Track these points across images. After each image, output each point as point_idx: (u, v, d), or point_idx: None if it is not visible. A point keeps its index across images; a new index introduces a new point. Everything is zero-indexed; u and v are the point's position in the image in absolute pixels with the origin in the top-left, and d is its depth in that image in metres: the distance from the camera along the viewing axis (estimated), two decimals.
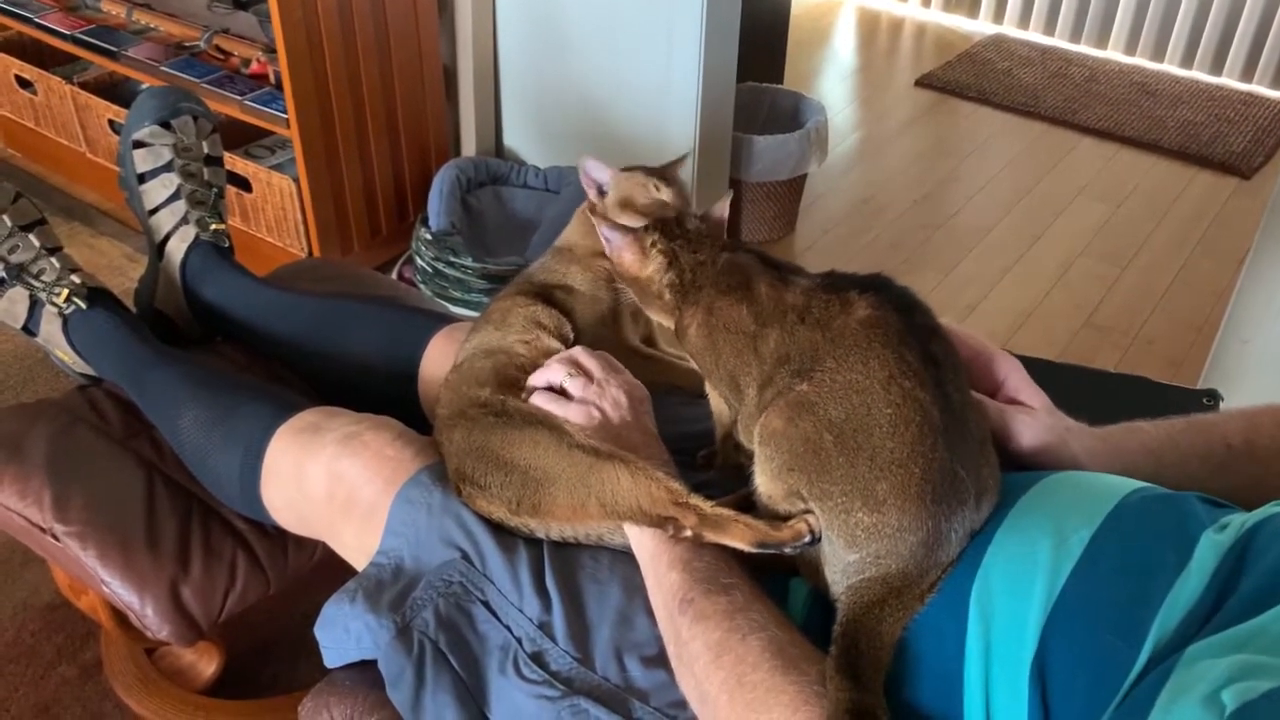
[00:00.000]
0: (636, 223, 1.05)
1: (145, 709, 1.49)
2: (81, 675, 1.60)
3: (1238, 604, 0.65)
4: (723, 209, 1.00)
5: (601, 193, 1.14)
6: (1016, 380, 0.89)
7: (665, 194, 1.10)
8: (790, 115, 2.88)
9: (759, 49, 2.89)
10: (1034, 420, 0.86)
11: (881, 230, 2.92)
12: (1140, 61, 3.98)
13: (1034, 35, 4.18)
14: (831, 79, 3.93)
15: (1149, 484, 0.79)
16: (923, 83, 3.78)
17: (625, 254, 0.93)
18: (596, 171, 1.13)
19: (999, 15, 4.25)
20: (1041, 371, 0.92)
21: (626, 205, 1.11)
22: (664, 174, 1.13)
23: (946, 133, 3.51)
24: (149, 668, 1.52)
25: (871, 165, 3.28)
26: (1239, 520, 0.72)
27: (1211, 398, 1.24)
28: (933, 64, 3.91)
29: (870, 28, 4.32)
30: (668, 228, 0.93)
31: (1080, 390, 0.96)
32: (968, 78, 3.80)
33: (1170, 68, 3.93)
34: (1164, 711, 0.59)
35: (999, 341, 2.44)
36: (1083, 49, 4.08)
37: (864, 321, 0.78)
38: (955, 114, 3.63)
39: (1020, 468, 0.86)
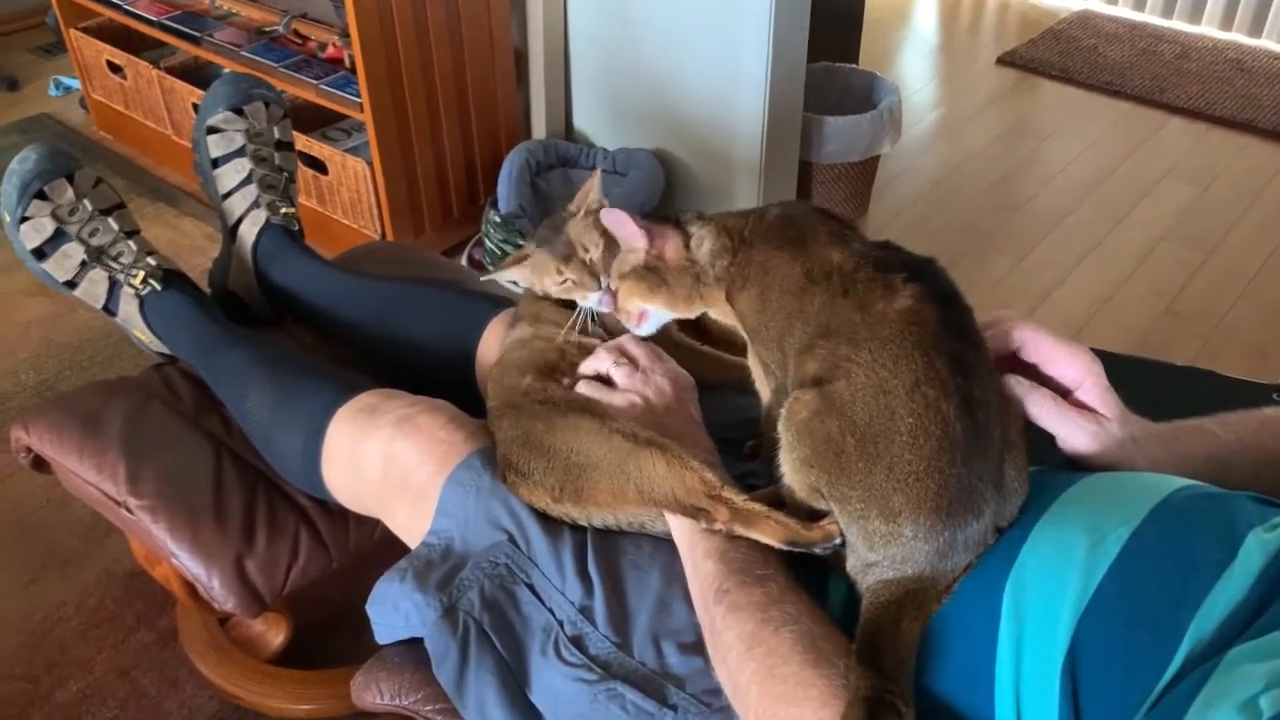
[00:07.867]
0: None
1: (216, 675, 1.55)
2: (159, 641, 1.67)
3: None
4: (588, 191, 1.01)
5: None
6: (1092, 385, 0.85)
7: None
8: (864, 95, 2.84)
9: (833, 28, 2.85)
10: (1100, 430, 0.83)
11: (956, 213, 2.87)
12: (1236, 37, 3.82)
13: (1123, 11, 4.04)
14: (911, 57, 3.85)
15: (1197, 482, 0.77)
16: (1004, 60, 3.68)
17: (667, 245, 0.91)
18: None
19: None
20: (1104, 364, 0.89)
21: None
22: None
23: (1027, 112, 3.42)
24: (221, 636, 1.58)
25: (949, 146, 3.21)
26: None
27: None
28: (1016, 41, 3.81)
29: (953, 4, 4.22)
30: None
31: (1144, 384, 0.92)
32: (1051, 55, 3.69)
33: (1268, 43, 3.77)
34: (1200, 716, 0.58)
35: (1074, 329, 2.40)
36: (1175, 24, 3.93)
37: (902, 314, 0.77)
38: (1037, 93, 3.53)
39: (1076, 467, 0.84)
